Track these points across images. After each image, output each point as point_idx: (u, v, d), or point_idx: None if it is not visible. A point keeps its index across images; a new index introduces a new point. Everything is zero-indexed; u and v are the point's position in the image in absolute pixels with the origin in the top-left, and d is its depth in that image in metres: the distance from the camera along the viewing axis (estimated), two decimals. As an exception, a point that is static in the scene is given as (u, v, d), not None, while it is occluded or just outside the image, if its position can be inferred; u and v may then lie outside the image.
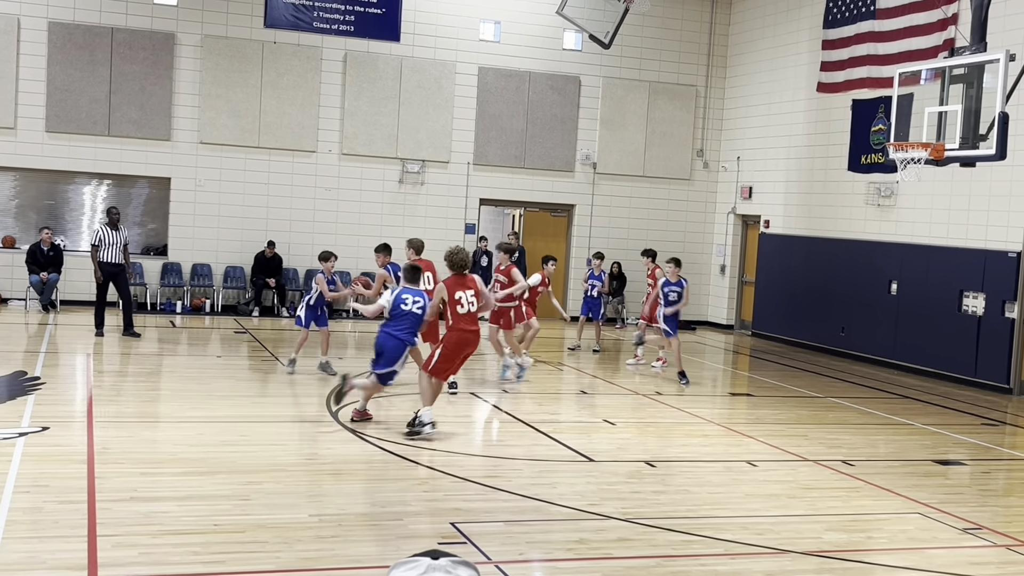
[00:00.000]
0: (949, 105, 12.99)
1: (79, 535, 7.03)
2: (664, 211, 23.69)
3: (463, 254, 11.02)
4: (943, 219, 17.32)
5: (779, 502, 9.20)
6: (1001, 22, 15.35)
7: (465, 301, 10.81)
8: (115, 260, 16.86)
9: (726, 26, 23.80)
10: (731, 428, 12.25)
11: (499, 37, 22.38)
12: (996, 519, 8.84)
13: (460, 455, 10.11)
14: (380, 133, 21.77)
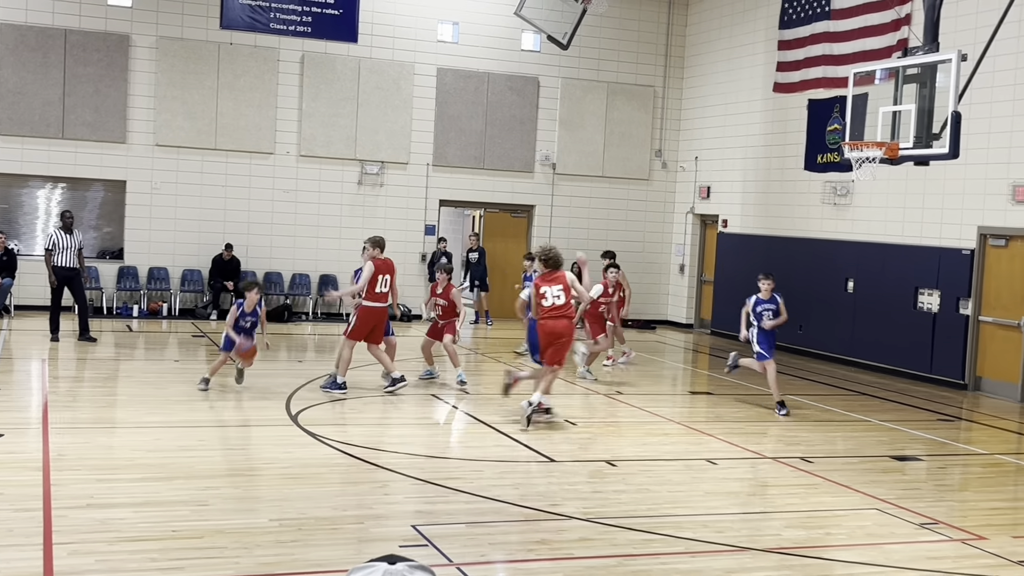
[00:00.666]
0: (903, 105, 13.14)
1: (34, 543, 6.93)
2: (623, 211, 23.78)
3: (554, 252, 11.89)
4: (898, 217, 17.52)
5: (739, 500, 9.26)
6: (953, 22, 15.55)
7: (551, 295, 11.69)
8: (70, 264, 16.66)
9: (683, 27, 23.93)
10: (691, 427, 12.32)
11: (457, 38, 22.36)
12: (952, 514, 8.95)
13: (421, 457, 10.08)
14: (338, 135, 21.68)
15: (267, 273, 21.44)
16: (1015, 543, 8.10)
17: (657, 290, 24.18)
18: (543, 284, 11.78)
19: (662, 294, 24.26)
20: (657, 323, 23.85)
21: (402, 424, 11.78)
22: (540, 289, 11.76)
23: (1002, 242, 15.68)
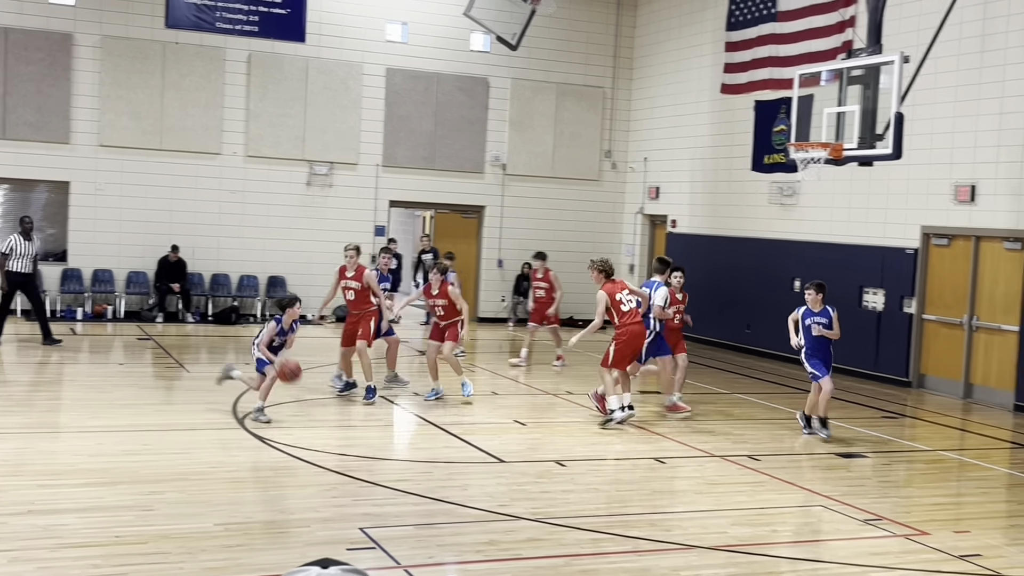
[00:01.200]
0: (847, 106, 13.32)
1: (-28, 551, 6.80)
2: (573, 211, 23.84)
3: (609, 261, 12.57)
4: (843, 217, 17.73)
5: (686, 498, 9.32)
6: (896, 25, 15.76)
7: (625, 300, 12.25)
8: (24, 270, 16.44)
9: (632, 28, 24.04)
10: (640, 426, 12.37)
11: (406, 38, 22.29)
12: (896, 510, 9.06)
13: (369, 459, 10.03)
14: (286, 135, 21.52)
15: (214, 275, 21.23)
16: (957, 538, 8.22)
17: (607, 290, 24.22)
18: (616, 291, 12.27)
19: (612, 294, 24.31)
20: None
21: (350, 426, 11.71)
22: (615, 297, 12.20)
23: (945, 241, 15.92)
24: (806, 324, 11.92)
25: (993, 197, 15.00)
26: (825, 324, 11.77)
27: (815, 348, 11.91)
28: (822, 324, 11.75)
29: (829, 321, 11.77)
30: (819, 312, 11.96)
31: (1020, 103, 14.52)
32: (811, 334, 11.86)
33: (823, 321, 11.78)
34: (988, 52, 15.05)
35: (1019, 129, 14.55)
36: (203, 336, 19.10)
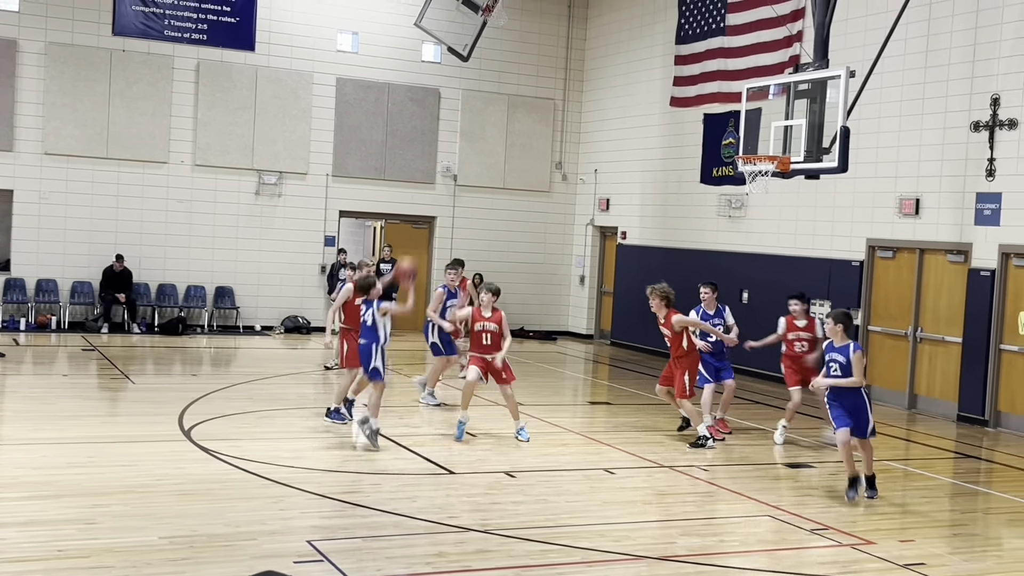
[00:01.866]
0: (794, 119, 13.48)
1: (-92, 567, 6.64)
2: (524, 223, 23.88)
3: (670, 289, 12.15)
4: (791, 230, 17.92)
5: (636, 508, 9.34)
6: (842, 40, 15.98)
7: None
8: None
9: (582, 41, 24.16)
10: (590, 437, 12.39)
11: (357, 48, 22.22)
12: (842, 519, 9.15)
13: (318, 471, 9.94)
14: (235, 144, 21.34)
15: (160, 285, 20.98)
16: (902, 547, 8.32)
17: (558, 301, 24.33)
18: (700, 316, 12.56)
19: (563, 305, 24.41)
20: (558, 334, 23.98)
21: (299, 438, 11.60)
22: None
23: (890, 254, 16.14)
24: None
25: (937, 210, 15.25)
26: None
27: (716, 350, 12.69)
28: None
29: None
30: (714, 313, 12.69)
31: (963, 118, 14.78)
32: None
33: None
34: (932, 68, 15.31)
35: (962, 144, 14.81)
36: (149, 347, 18.85)
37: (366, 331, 11.11)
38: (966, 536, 8.98)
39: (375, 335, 11.03)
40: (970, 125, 14.67)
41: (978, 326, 14.53)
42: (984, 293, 14.45)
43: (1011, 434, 14.01)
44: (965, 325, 14.76)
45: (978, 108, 14.58)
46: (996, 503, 10.32)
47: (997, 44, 14.35)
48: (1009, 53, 14.17)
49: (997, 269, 14.32)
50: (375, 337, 11.02)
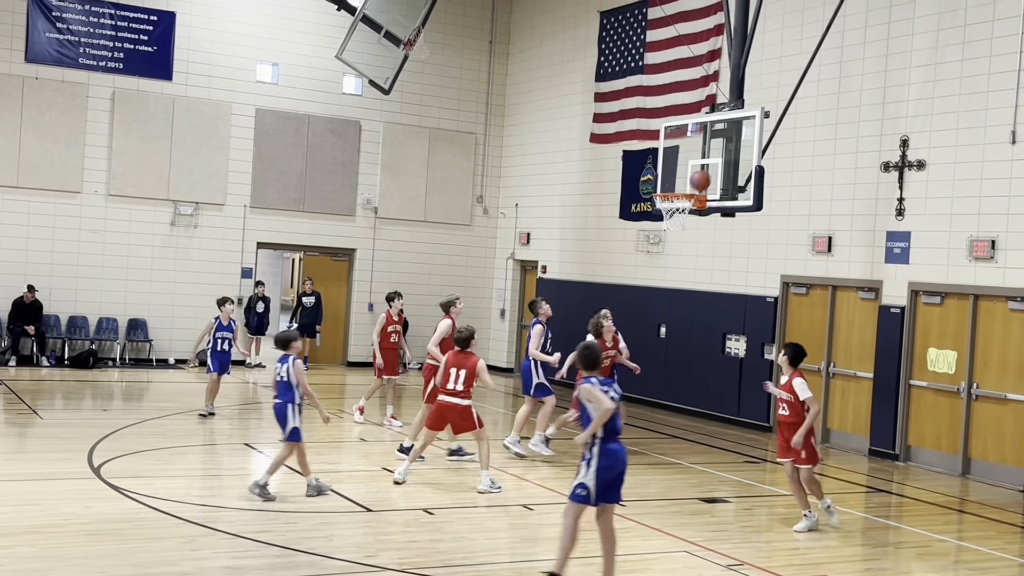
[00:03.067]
0: (711, 158, 13.70)
1: None
2: (445, 256, 23.86)
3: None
4: (707, 266, 18.17)
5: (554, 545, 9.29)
6: (757, 80, 16.32)
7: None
8: None
9: (504, 76, 24.33)
10: (509, 472, 12.36)
11: (277, 79, 22.08)
12: (758, 554, 9.24)
13: (232, 510, 9.76)
14: (151, 174, 21.00)
15: (72, 317, 20.49)
16: (815, 582, 8.42)
17: (478, 335, 24.22)
18: None
19: (483, 339, 24.37)
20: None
21: (212, 475, 11.39)
22: None
23: (803, 290, 16.45)
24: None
25: (849, 248, 15.59)
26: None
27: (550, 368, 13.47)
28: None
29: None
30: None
31: (874, 158, 15.17)
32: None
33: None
34: (844, 109, 15.71)
35: (872, 183, 15.19)
36: (59, 381, 18.37)
37: (282, 389, 10.46)
38: (877, 571, 9.13)
39: (291, 393, 10.41)
40: (880, 165, 15.06)
41: (889, 362, 14.86)
42: (894, 329, 14.79)
43: (920, 468, 14.32)
44: (876, 361, 15.08)
45: (888, 149, 14.98)
46: (906, 537, 10.52)
47: (906, 87, 14.78)
48: (917, 96, 14.61)
49: (907, 306, 14.67)
50: (291, 396, 10.40)
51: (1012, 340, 13.46)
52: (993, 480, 13.52)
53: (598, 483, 7.74)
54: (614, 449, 7.82)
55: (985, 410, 13.75)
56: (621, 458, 7.85)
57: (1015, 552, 10.12)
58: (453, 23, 23.64)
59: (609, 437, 7.80)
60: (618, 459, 7.82)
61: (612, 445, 7.81)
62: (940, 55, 14.30)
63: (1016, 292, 13.32)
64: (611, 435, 7.81)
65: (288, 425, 10.39)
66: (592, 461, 7.77)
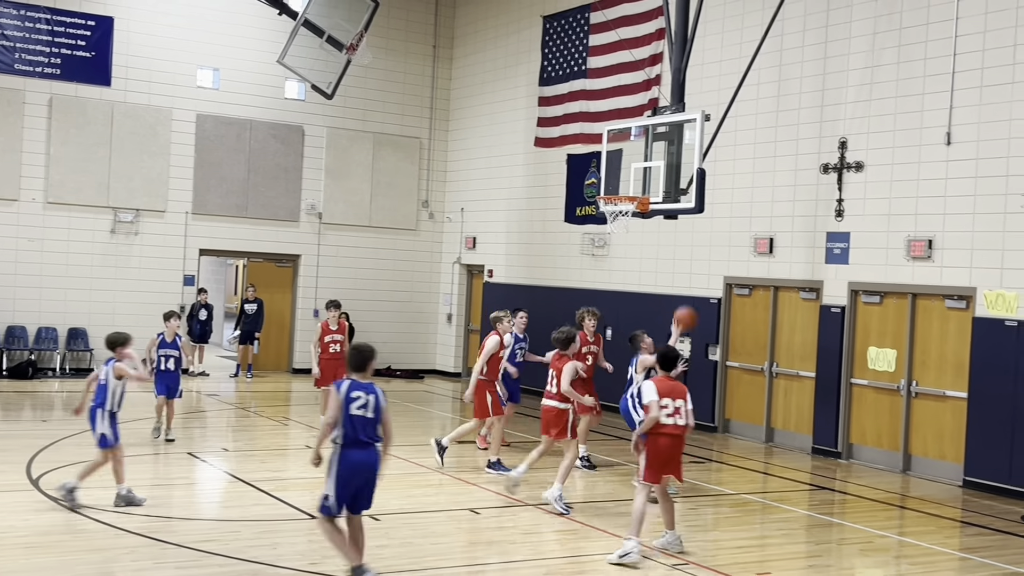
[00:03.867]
0: (653, 161, 13.80)
1: None
2: (391, 261, 23.78)
3: None
4: (652, 268, 18.29)
5: (501, 548, 9.32)
6: (698, 84, 16.47)
7: None
8: None
9: (448, 80, 24.31)
10: (456, 477, 12.34)
11: (218, 84, 21.87)
12: (703, 553, 9.30)
13: (174, 519, 9.64)
14: (90, 181, 20.70)
15: (9, 327, 20.13)
16: (759, 579, 8.50)
17: (425, 339, 24.25)
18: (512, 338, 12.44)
19: (430, 343, 24.35)
20: (425, 372, 23.89)
21: (154, 485, 11.23)
22: None
23: (746, 291, 16.62)
24: (514, 350, 13.50)
25: (790, 249, 15.78)
26: (523, 348, 13.49)
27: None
28: (525, 349, 13.44)
29: (525, 347, 13.41)
30: (523, 337, 13.67)
31: (813, 160, 15.36)
32: (515, 359, 13.56)
33: (523, 346, 13.50)
34: (783, 112, 15.89)
35: (812, 185, 15.39)
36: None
37: (99, 392, 9.98)
38: (821, 567, 9.24)
39: (103, 397, 9.93)
40: (820, 167, 15.26)
41: (830, 361, 15.05)
42: (835, 329, 14.99)
43: (862, 465, 14.52)
44: (818, 360, 15.27)
45: (827, 151, 15.18)
46: (849, 534, 10.65)
47: (844, 90, 14.99)
48: (854, 99, 14.83)
49: (847, 306, 14.88)
50: (102, 400, 9.92)
51: (949, 338, 13.70)
52: (933, 476, 13.75)
53: (337, 491, 7.57)
54: (352, 456, 7.58)
55: (924, 407, 13.98)
56: (359, 465, 7.60)
57: (955, 546, 10.31)
58: (396, 27, 23.59)
59: (349, 444, 7.58)
60: (356, 466, 7.59)
61: (352, 452, 7.57)
62: (877, 58, 14.54)
63: (953, 291, 13.56)
64: (351, 442, 7.57)
65: (96, 431, 9.93)
66: (331, 469, 7.61)
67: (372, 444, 7.63)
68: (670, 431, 8.94)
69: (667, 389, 9.01)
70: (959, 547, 10.30)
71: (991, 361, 12.93)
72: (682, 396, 9.05)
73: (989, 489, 12.80)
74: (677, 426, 8.98)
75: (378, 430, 7.66)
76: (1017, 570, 9.32)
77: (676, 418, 8.97)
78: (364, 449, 7.60)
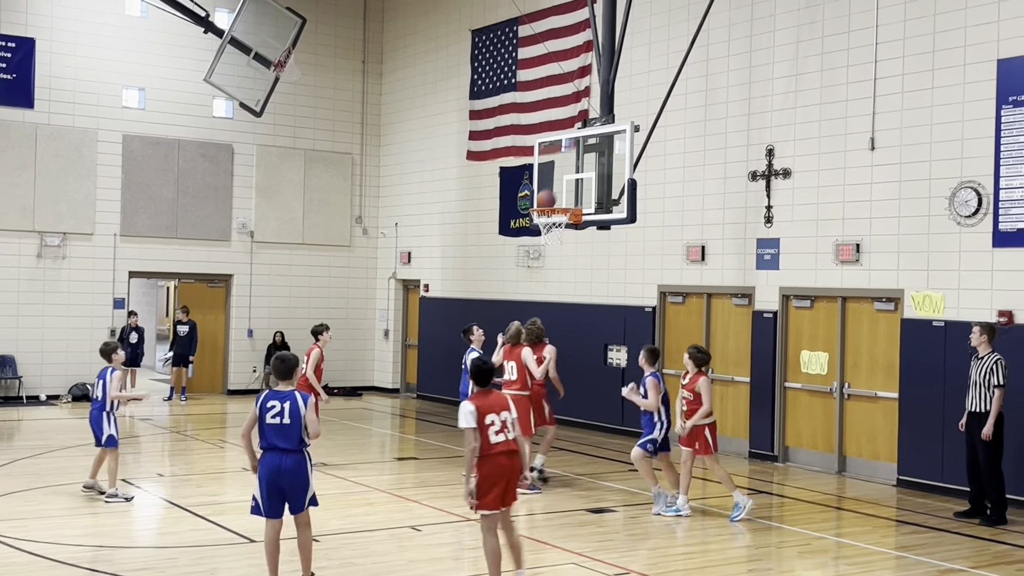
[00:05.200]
0: (585, 172, 13.88)
1: None
2: (326, 278, 23.62)
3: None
4: (587, 278, 18.38)
5: (443, 565, 9.28)
6: (627, 95, 16.62)
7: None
8: None
9: (378, 95, 24.25)
10: (396, 494, 12.28)
11: (144, 104, 21.58)
12: (645, 562, 9.36)
13: (110, 548, 9.46)
14: (14, 205, 20.28)
15: (-66, 356, 19.64)
16: (700, 586, 8.56)
17: (362, 356, 24.11)
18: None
19: (367, 360, 24.21)
20: (363, 389, 23.74)
21: (89, 514, 11.02)
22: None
23: (679, 299, 16.77)
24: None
25: (721, 256, 15.96)
26: None
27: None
28: None
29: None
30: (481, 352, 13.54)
31: (742, 168, 15.57)
32: None
33: None
34: (711, 121, 16.09)
35: (741, 192, 15.58)
36: None
37: (104, 396, 11.47)
38: (760, 571, 9.33)
39: (104, 401, 11.47)
40: (748, 175, 15.47)
41: (764, 365, 15.24)
42: (768, 334, 15.19)
43: (798, 468, 14.71)
44: (752, 365, 15.45)
45: (755, 158, 15.40)
46: (788, 536, 10.78)
47: (770, 98, 15.22)
48: (780, 107, 15.06)
49: (779, 310, 15.08)
50: (103, 404, 11.47)
51: (879, 340, 13.95)
52: (867, 476, 13.97)
53: (260, 493, 8.01)
54: (269, 461, 7.97)
55: (857, 408, 14.21)
56: (275, 469, 7.94)
57: (890, 545, 10.48)
58: (324, 43, 23.48)
59: (267, 450, 7.98)
60: (273, 471, 7.94)
61: (269, 457, 7.97)
62: (801, 66, 14.79)
63: (881, 293, 13.82)
64: (268, 448, 7.97)
65: (104, 432, 11.43)
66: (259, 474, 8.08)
67: (291, 450, 7.93)
68: (502, 449, 7.97)
69: (487, 405, 8.00)
70: (895, 546, 10.48)
71: (920, 361, 13.19)
72: (506, 408, 8.07)
73: (922, 487, 13.04)
74: (508, 442, 8.00)
75: (301, 434, 7.93)
76: (952, 566, 9.51)
77: (505, 433, 7.98)
78: (282, 454, 7.92)
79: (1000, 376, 11.27)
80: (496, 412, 7.98)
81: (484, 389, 8.14)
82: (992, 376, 11.29)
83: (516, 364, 12.77)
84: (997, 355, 11.38)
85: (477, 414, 7.88)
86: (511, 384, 12.61)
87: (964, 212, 12.77)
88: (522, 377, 12.71)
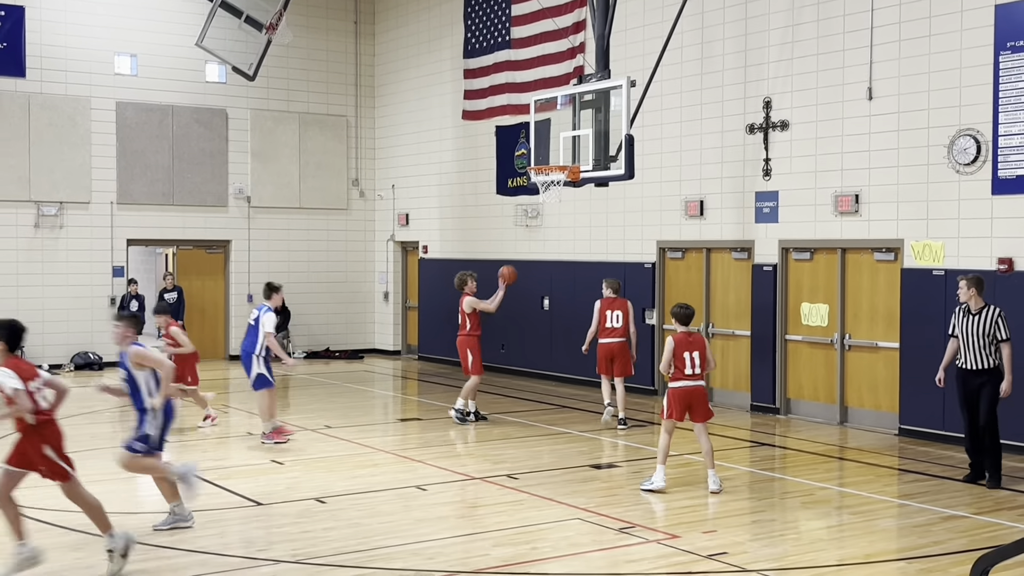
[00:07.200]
0: (581, 129, 13.82)
1: None
2: (324, 241, 23.59)
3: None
4: (586, 236, 18.36)
5: (448, 523, 9.34)
6: (623, 50, 16.51)
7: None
8: None
9: (371, 57, 24.09)
10: (401, 455, 12.33)
11: (136, 70, 21.44)
12: (648, 516, 9.42)
13: (116, 513, 9.48)
14: (9, 175, 20.21)
15: (-65, 328, 19.61)
16: (705, 538, 8.63)
17: (363, 319, 24.13)
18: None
19: (368, 323, 24.24)
20: (365, 352, 23.79)
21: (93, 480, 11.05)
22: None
23: (679, 254, 16.75)
24: None
25: (720, 211, 15.93)
26: None
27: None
28: None
29: None
30: None
31: (739, 121, 15.50)
32: None
33: None
34: (708, 74, 15.99)
35: (739, 146, 15.52)
36: None
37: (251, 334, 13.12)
38: (764, 522, 9.40)
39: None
40: (746, 127, 15.40)
41: (764, 319, 15.26)
42: (768, 287, 15.19)
43: (800, 420, 14.77)
44: (752, 318, 15.47)
45: (752, 111, 15.32)
46: (790, 487, 10.84)
47: (766, 50, 15.12)
48: (777, 58, 14.96)
49: (778, 263, 15.07)
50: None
51: (879, 290, 13.96)
52: (869, 426, 14.04)
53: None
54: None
55: (858, 359, 14.25)
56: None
57: (893, 494, 10.54)
58: (316, 4, 23.29)
59: None
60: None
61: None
62: (797, 16, 14.67)
63: (880, 243, 13.81)
64: None
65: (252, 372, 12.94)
66: None
67: None
68: None
69: None
70: (897, 494, 10.54)
71: (920, 311, 13.20)
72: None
73: (924, 436, 13.10)
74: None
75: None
76: (954, 513, 9.57)
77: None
78: None
79: (1005, 330, 10.64)
80: None
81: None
82: (997, 331, 10.62)
83: (622, 312, 14.36)
84: (997, 308, 10.77)
85: None
86: (614, 331, 14.28)
87: (963, 160, 12.73)
88: (625, 325, 14.32)
